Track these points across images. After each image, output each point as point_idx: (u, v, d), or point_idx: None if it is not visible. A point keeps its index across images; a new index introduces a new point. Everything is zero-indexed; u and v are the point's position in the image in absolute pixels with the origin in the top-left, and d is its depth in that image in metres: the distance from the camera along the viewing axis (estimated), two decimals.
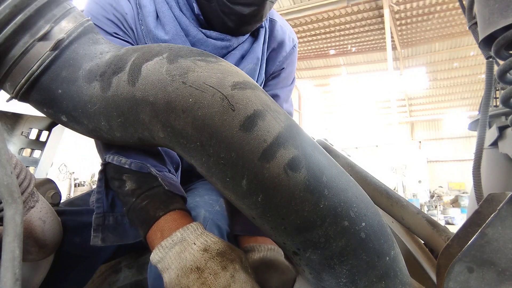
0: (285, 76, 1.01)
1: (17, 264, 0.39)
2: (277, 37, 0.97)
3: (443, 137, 19.45)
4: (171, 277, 0.56)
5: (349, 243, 0.49)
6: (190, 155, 0.52)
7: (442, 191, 16.67)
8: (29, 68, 0.55)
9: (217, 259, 0.55)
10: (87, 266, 0.89)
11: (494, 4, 0.62)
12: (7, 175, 0.42)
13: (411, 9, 11.51)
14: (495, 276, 0.47)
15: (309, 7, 11.18)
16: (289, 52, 0.99)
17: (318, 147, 0.53)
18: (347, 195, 0.50)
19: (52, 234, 0.71)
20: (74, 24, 0.58)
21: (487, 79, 0.88)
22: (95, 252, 0.89)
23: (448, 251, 0.56)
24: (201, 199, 0.81)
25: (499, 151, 1.26)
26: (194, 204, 0.77)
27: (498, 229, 0.47)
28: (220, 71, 0.52)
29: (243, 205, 0.51)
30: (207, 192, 0.86)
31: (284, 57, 0.99)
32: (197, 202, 0.78)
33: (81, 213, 0.89)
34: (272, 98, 0.55)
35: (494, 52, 0.67)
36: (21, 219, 0.42)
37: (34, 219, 0.65)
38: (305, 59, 16.54)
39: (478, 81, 16.58)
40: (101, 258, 0.92)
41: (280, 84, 1.00)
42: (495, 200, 0.56)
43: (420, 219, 0.76)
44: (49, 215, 0.70)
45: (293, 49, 1.00)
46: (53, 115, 0.62)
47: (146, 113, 0.53)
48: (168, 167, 0.76)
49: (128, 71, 0.54)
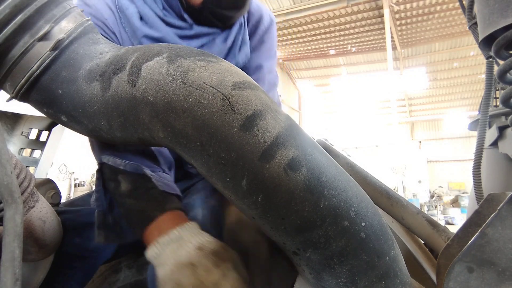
0: (267, 48, 1.06)
1: (17, 264, 0.39)
2: (254, 13, 1.02)
3: (443, 137, 19.44)
4: (165, 271, 0.57)
5: (349, 243, 0.49)
6: (190, 155, 0.52)
7: (442, 191, 16.67)
8: (29, 68, 0.55)
9: (210, 257, 0.57)
10: (87, 266, 0.89)
11: (494, 4, 0.62)
12: (7, 175, 0.42)
13: (411, 9, 11.51)
14: (495, 276, 0.47)
15: (309, 7, 11.19)
16: (268, 26, 1.05)
17: (318, 147, 0.53)
18: (347, 195, 0.50)
19: (52, 234, 0.71)
20: (74, 24, 0.58)
21: (487, 79, 0.88)
22: (95, 252, 0.89)
23: (448, 251, 0.56)
24: (198, 197, 0.84)
25: (499, 151, 1.26)
26: (192, 204, 0.79)
27: (498, 229, 0.48)
28: (220, 71, 0.52)
29: (243, 205, 0.51)
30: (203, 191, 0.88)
31: (263, 31, 1.04)
32: (193, 201, 0.81)
33: (81, 213, 0.89)
34: (271, 98, 0.55)
35: (494, 52, 0.67)
36: (21, 219, 0.42)
37: (34, 219, 0.65)
38: (305, 59, 16.55)
39: (478, 81, 16.58)
40: (101, 258, 0.93)
41: (263, 56, 1.05)
42: (495, 200, 0.56)
43: (420, 219, 0.76)
44: (49, 215, 0.70)
45: (271, 24, 1.06)
46: (53, 115, 0.62)
47: (146, 113, 0.53)
48: (162, 167, 0.77)
49: (128, 71, 0.54)
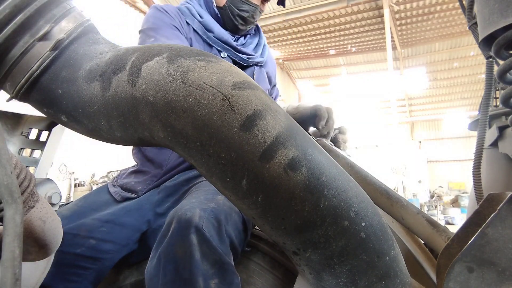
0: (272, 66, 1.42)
1: (17, 264, 0.39)
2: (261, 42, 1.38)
3: (443, 137, 19.44)
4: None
5: (349, 243, 0.49)
6: (190, 155, 0.52)
7: (442, 191, 16.66)
8: (29, 68, 0.55)
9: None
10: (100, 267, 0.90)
11: (494, 4, 0.62)
12: (7, 175, 0.42)
13: (411, 9, 11.50)
14: (495, 276, 0.47)
15: (309, 7, 11.18)
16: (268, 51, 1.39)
17: (318, 147, 0.53)
18: (347, 195, 0.50)
19: (52, 234, 0.71)
20: (74, 24, 0.58)
21: (487, 79, 0.88)
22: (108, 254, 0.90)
23: (448, 251, 0.56)
24: (197, 200, 0.82)
25: (499, 151, 1.25)
26: (190, 206, 0.78)
27: (498, 229, 0.48)
28: (220, 71, 0.52)
29: (243, 205, 0.51)
30: (204, 193, 0.88)
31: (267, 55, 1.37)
32: (192, 204, 0.80)
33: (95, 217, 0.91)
34: (272, 98, 0.55)
35: (494, 52, 0.66)
36: (21, 219, 0.41)
37: (34, 219, 0.65)
38: (305, 59, 16.53)
39: (478, 81, 16.57)
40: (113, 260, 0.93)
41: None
42: (495, 200, 0.56)
43: (420, 219, 0.76)
44: (49, 215, 0.70)
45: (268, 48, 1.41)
46: (53, 115, 0.61)
47: (146, 113, 0.53)
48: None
49: (128, 71, 0.54)
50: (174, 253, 0.70)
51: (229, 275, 0.70)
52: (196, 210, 0.76)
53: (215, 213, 0.77)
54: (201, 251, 0.69)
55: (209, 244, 0.70)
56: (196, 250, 0.69)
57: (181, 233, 0.72)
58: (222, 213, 0.79)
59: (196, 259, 0.68)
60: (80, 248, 0.86)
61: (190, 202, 0.81)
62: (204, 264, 0.68)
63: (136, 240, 0.97)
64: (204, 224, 0.72)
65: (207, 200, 0.83)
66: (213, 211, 0.78)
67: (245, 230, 0.87)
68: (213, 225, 0.74)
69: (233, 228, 0.81)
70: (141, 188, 1.04)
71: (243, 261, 0.95)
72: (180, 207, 0.78)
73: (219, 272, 0.69)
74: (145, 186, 1.04)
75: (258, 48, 1.31)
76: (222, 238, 0.75)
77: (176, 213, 0.76)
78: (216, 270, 0.69)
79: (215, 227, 0.74)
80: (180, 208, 0.77)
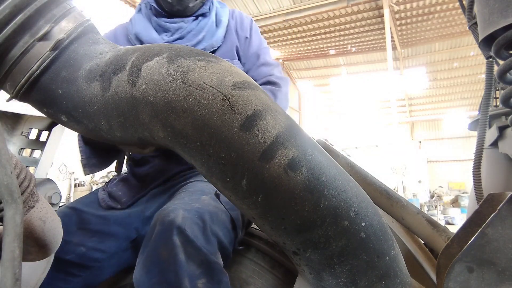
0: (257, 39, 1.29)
1: (17, 264, 0.39)
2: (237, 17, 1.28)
3: (443, 137, 19.44)
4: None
5: (349, 243, 0.49)
6: (190, 155, 0.52)
7: (442, 191, 16.66)
8: (29, 68, 0.55)
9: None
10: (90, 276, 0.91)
11: (494, 4, 0.62)
12: (7, 175, 0.41)
13: (411, 9, 11.50)
14: (495, 276, 0.47)
15: (309, 7, 11.19)
16: (250, 24, 1.29)
17: (318, 147, 0.53)
18: (347, 195, 0.50)
19: (52, 234, 0.71)
20: (74, 24, 0.58)
21: (487, 79, 0.88)
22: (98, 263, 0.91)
23: (448, 251, 0.56)
24: (181, 201, 0.82)
25: (499, 151, 1.25)
26: (173, 207, 0.78)
27: (498, 229, 0.48)
28: (220, 71, 0.52)
29: (243, 205, 0.51)
30: (188, 194, 0.88)
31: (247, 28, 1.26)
32: (175, 205, 0.79)
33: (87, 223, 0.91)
34: (271, 98, 0.55)
35: (494, 52, 0.66)
36: (21, 219, 0.41)
37: (34, 219, 0.65)
38: (305, 59, 16.54)
39: (478, 81, 16.57)
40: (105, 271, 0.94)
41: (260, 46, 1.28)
42: (495, 200, 0.56)
43: (420, 219, 0.76)
44: (49, 215, 0.70)
45: (252, 22, 1.31)
46: (53, 115, 0.61)
47: (146, 113, 0.53)
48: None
49: (128, 71, 0.54)
50: (158, 255, 0.70)
51: (216, 274, 0.70)
52: (179, 211, 0.75)
53: (200, 213, 0.77)
54: (185, 252, 0.69)
55: (193, 244, 0.70)
56: (180, 252, 0.69)
57: (164, 235, 0.71)
58: (206, 212, 0.78)
59: (180, 260, 0.68)
60: (70, 255, 0.87)
61: (174, 204, 0.81)
62: (189, 265, 0.68)
63: (125, 249, 0.97)
64: (188, 225, 0.72)
65: (191, 200, 0.83)
66: (197, 211, 0.77)
67: (234, 228, 0.86)
68: (198, 225, 0.74)
69: (221, 227, 0.80)
70: (125, 200, 1.04)
71: (243, 261, 0.95)
72: (164, 208, 0.78)
73: (206, 272, 0.69)
74: (129, 199, 1.05)
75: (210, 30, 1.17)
76: (208, 238, 0.74)
77: (159, 215, 0.76)
78: (203, 270, 0.69)
79: (200, 227, 0.74)
80: (163, 210, 0.77)
